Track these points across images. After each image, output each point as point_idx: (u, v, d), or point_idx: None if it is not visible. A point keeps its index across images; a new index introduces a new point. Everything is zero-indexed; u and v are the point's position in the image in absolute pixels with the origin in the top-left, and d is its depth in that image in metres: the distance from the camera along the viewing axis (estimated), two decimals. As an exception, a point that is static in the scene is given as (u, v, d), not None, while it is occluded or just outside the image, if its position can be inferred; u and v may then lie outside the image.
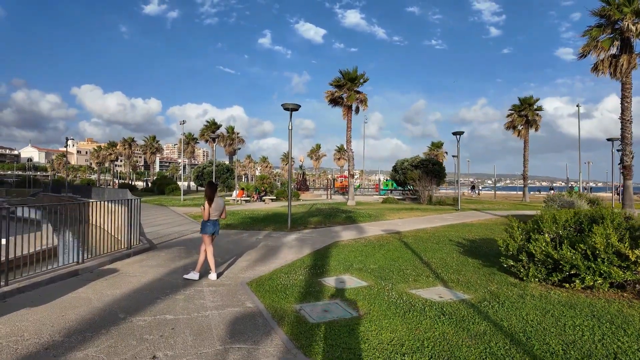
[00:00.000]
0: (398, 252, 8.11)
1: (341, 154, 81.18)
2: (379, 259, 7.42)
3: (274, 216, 15.61)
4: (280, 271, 6.52)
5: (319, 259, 7.44)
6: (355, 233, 11.27)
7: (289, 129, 12.02)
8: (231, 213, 16.61)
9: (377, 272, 6.43)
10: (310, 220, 14.21)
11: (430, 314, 4.37)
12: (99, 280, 5.79)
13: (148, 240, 9.40)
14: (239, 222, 13.47)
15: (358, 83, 23.61)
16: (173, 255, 7.79)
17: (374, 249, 8.48)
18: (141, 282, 5.78)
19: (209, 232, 6.01)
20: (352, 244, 9.21)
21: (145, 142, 69.77)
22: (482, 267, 6.81)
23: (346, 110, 24.28)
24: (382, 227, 12.77)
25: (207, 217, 5.98)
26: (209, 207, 5.95)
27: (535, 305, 4.69)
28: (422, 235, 10.78)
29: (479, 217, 16.32)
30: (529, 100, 32.66)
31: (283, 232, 11.30)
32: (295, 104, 11.74)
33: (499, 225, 13.38)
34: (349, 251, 8.26)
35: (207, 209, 5.95)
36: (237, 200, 25.81)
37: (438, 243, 9.38)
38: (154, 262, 7.17)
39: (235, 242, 9.50)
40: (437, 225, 13.39)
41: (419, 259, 7.46)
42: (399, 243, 9.34)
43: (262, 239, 10.05)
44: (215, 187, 6.12)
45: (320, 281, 5.87)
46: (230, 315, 4.40)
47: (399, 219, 15.57)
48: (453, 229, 12.14)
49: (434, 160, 27.55)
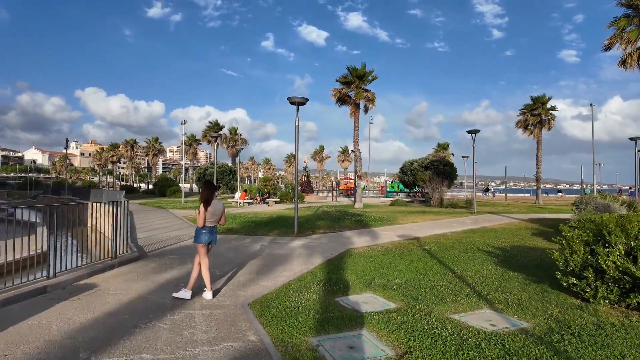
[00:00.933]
0: (424, 263, 7.03)
1: (345, 155, 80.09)
2: (403, 272, 6.34)
3: (278, 220, 14.56)
4: (288, 287, 5.46)
5: (333, 271, 6.38)
6: (369, 239, 10.20)
7: (296, 125, 10.99)
8: (233, 216, 15.59)
9: (405, 289, 5.36)
10: (318, 224, 13.16)
11: (491, 354, 3.30)
12: (70, 301, 4.76)
13: (138, 248, 8.37)
14: (240, 226, 12.44)
15: (366, 80, 22.57)
16: (165, 266, 6.76)
17: (394, 259, 7.41)
18: (120, 302, 4.75)
19: (203, 242, 4.98)
20: (368, 252, 8.14)
21: (148, 143, 69.07)
22: (530, 283, 5.71)
23: (353, 109, 23.23)
24: (396, 232, 11.69)
25: (203, 224, 4.94)
26: (205, 211, 4.91)
27: (625, 339, 3.60)
28: (444, 242, 9.70)
29: (498, 221, 15.19)
30: (541, 99, 31.49)
31: (289, 238, 10.24)
32: (302, 98, 10.72)
33: (524, 230, 12.27)
34: (367, 261, 7.19)
35: (202, 214, 4.92)
36: (240, 203, 24.80)
37: (466, 251, 8.29)
38: (141, 274, 6.13)
39: (236, 250, 8.46)
40: (457, 230, 12.29)
41: (451, 272, 6.38)
42: (421, 251, 8.26)
43: (267, 246, 9.00)
44: (213, 188, 5.09)
45: (338, 302, 4.81)
46: (226, 354, 3.35)
47: (412, 222, 14.48)
48: (476, 235, 11.03)
49: (444, 161, 26.43)
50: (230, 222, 13.38)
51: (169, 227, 12.60)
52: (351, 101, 23.11)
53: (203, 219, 4.92)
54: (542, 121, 31.53)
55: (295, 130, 10.98)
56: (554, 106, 31.48)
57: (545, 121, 31.42)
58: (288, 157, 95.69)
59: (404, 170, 29.47)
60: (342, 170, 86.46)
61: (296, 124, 10.97)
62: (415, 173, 26.25)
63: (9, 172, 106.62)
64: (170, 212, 18.80)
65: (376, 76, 22.44)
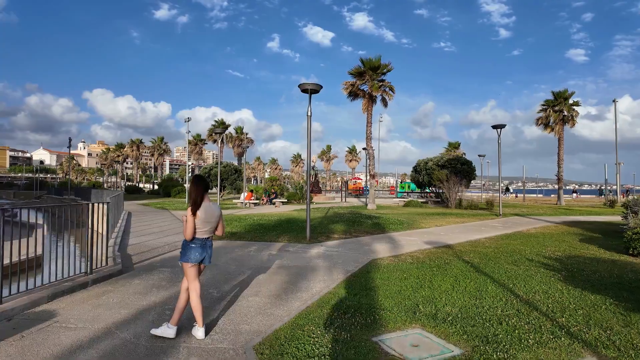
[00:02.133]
0: (473, 281, 5.63)
1: (353, 155, 78.61)
2: (452, 294, 4.96)
3: (287, 223, 13.24)
4: (307, 317, 4.12)
5: (362, 293, 5.01)
6: (393, 246, 8.82)
7: (308, 115, 9.65)
8: (237, 218, 14.32)
9: (463, 321, 3.98)
10: (332, 229, 11.80)
11: None
12: (6, 343, 3.46)
13: (125, 258, 7.09)
14: (246, 231, 11.14)
15: (380, 72, 21.14)
16: (151, 284, 5.45)
17: (433, 274, 6.02)
18: (79, 342, 3.44)
19: (192, 260, 3.64)
20: (398, 265, 6.75)
21: (153, 143, 68.36)
22: (628, 313, 4.29)
23: (367, 103, 21.81)
24: (422, 237, 10.29)
25: (191, 235, 3.61)
26: (193, 217, 3.58)
27: None
28: (483, 250, 8.28)
29: (532, 225, 13.68)
30: (563, 94, 29.79)
31: (301, 245, 8.90)
32: (315, 84, 9.38)
33: (568, 235, 10.78)
34: (400, 277, 5.81)
35: (189, 222, 3.58)
36: (245, 204, 23.55)
37: (516, 264, 6.86)
38: (117, 297, 4.83)
39: (240, 261, 7.13)
40: (490, 235, 10.84)
41: (512, 294, 4.97)
42: (461, 264, 6.85)
43: (276, 255, 7.67)
44: (204, 185, 3.73)
45: (378, 345, 3.45)
46: None
47: (436, 226, 13.04)
48: (516, 241, 9.58)
49: (462, 159, 24.84)
50: (234, 226, 12.10)
51: (166, 232, 11.33)
52: (364, 94, 21.70)
53: (192, 228, 3.59)
54: (564, 118, 29.82)
55: (307, 122, 9.64)
56: (577, 101, 29.80)
57: (567, 118, 29.70)
58: (295, 157, 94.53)
59: (417, 169, 27.94)
60: (350, 171, 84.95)
61: (308, 113, 9.63)
62: (431, 172, 24.72)
63: (16, 172, 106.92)
64: (172, 214, 17.59)
65: (391, 67, 20.99)
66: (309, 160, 9.58)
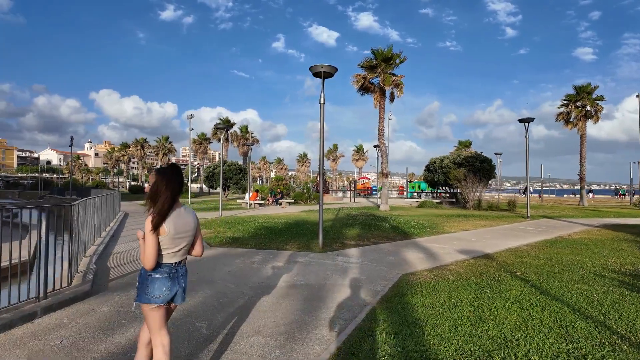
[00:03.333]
0: (545, 310, 4.24)
1: (360, 154, 77.10)
2: (527, 331, 3.58)
3: (295, 226, 11.93)
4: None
5: (403, 330, 3.66)
6: (423, 257, 7.46)
7: (321, 103, 8.31)
8: (241, 221, 13.04)
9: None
10: (346, 233, 10.47)
11: None
12: None
13: (100, 272, 5.81)
14: (250, 235, 9.84)
15: (393, 64, 19.72)
16: (121, 313, 4.16)
17: (487, 297, 4.64)
18: None
19: (157, 300, 2.29)
20: (439, 284, 5.39)
21: (158, 142, 67.53)
22: None
23: (378, 97, 20.41)
24: (452, 244, 8.91)
25: (154, 262, 2.27)
26: (153, 233, 2.24)
27: None
28: (532, 262, 6.87)
29: (570, 229, 12.20)
30: (586, 89, 28.08)
31: (313, 255, 7.57)
32: (329, 66, 8.04)
33: (621, 242, 9.30)
34: (448, 304, 4.45)
35: (150, 241, 2.24)
36: (250, 204, 22.31)
37: (585, 281, 5.46)
38: (68, 337, 3.53)
39: (241, 276, 5.82)
40: (530, 242, 9.42)
41: (609, 330, 3.59)
42: (517, 282, 5.46)
43: (284, 268, 6.35)
44: (178, 181, 2.39)
45: None
46: None
47: (463, 230, 11.63)
48: (564, 250, 8.15)
49: (481, 157, 23.25)
50: (237, 229, 10.82)
51: (160, 236, 10.05)
52: (376, 88, 20.30)
53: (154, 250, 2.25)
54: (587, 113, 28.13)
55: (320, 110, 8.30)
56: (601, 96, 28.04)
57: (590, 113, 28.00)
58: (301, 156, 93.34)
59: (431, 168, 26.44)
60: (357, 170, 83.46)
61: (321, 101, 8.29)
62: (447, 171, 23.23)
63: (23, 172, 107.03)
64: (171, 215, 16.35)
65: (404, 58, 19.54)
66: (322, 154, 8.23)
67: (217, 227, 11.44)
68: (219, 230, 10.89)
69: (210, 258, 7.13)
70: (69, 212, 4.73)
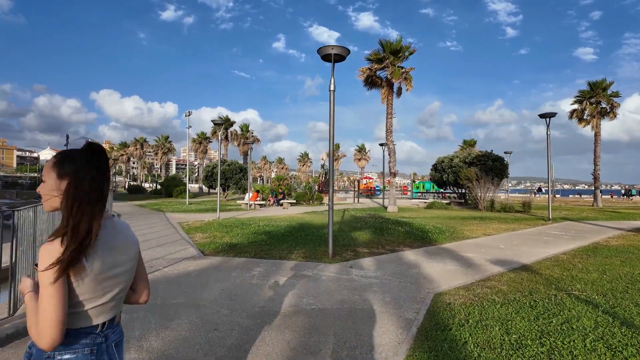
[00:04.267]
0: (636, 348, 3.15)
1: (362, 154, 76.05)
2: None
3: (299, 229, 10.85)
4: None
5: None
6: (452, 269, 6.37)
7: (330, 90, 7.23)
8: (240, 224, 11.97)
9: None
10: (356, 238, 9.39)
11: None
12: None
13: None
14: (249, 241, 8.76)
15: (402, 57, 18.62)
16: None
17: (554, 329, 3.56)
18: None
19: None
20: (485, 308, 4.29)
21: (157, 142, 66.56)
22: None
23: (386, 92, 19.32)
24: (480, 252, 7.81)
25: (58, 334, 1.13)
26: (59, 279, 1.15)
27: None
28: (585, 276, 5.78)
29: (603, 233, 11.08)
30: (601, 85, 26.95)
31: (323, 266, 6.49)
32: (340, 47, 6.96)
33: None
34: (507, 340, 3.36)
35: (54, 294, 1.12)
36: (251, 205, 21.24)
37: (668, 306, 4.36)
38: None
39: (236, 297, 4.73)
40: (566, 249, 8.32)
41: None
42: (581, 306, 4.37)
43: (288, 285, 5.27)
44: (95, 171, 1.23)
45: None
46: None
47: (485, 235, 10.54)
48: (612, 260, 7.05)
49: (493, 156, 22.14)
50: (235, 234, 9.74)
51: (150, 241, 8.99)
52: (383, 82, 19.22)
53: (60, 309, 1.15)
54: (602, 110, 26.99)
55: (330, 98, 7.21)
56: (617, 92, 26.90)
57: (606, 110, 26.87)
58: (302, 155, 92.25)
59: (438, 167, 25.34)
60: (358, 170, 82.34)
61: (331, 88, 7.21)
62: (457, 170, 22.12)
63: (23, 172, 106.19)
64: (166, 216, 15.33)
65: (414, 50, 18.42)
66: (331, 147, 7.14)
67: (214, 231, 10.38)
68: (215, 234, 9.82)
69: (202, 270, 6.06)
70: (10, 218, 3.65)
